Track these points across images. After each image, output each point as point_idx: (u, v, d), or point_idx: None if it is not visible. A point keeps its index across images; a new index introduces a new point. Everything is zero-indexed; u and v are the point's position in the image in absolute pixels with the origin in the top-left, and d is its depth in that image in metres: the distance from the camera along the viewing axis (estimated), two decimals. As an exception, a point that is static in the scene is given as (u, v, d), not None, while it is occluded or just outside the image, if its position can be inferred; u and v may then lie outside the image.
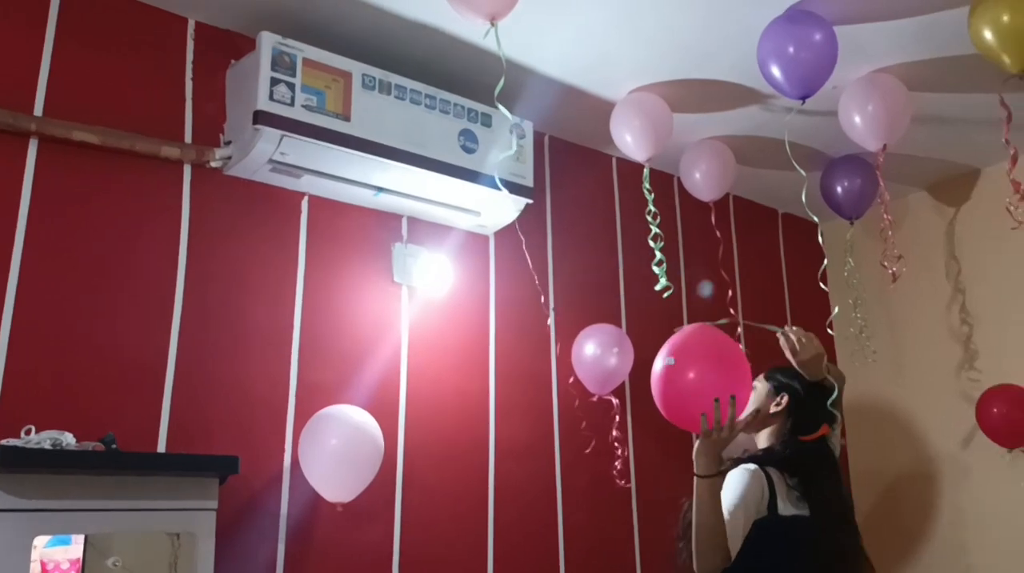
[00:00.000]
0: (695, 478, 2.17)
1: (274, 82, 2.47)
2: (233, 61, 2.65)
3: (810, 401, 2.38)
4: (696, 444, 2.18)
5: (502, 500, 2.94)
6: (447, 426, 2.88)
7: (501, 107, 2.37)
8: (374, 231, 2.89)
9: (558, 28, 2.73)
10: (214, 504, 2.10)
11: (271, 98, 2.46)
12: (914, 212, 3.98)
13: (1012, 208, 2.79)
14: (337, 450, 2.46)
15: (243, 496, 2.40)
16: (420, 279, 2.93)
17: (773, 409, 2.41)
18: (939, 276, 3.85)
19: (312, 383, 2.62)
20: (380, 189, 2.77)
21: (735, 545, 2.15)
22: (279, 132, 2.46)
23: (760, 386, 2.47)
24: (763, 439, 2.46)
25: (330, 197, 2.78)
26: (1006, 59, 2.48)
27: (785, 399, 2.41)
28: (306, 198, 2.75)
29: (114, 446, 2.04)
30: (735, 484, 2.22)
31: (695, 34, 2.78)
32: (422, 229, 2.99)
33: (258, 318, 2.58)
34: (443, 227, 3.03)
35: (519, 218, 3.00)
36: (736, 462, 2.31)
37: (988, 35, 2.49)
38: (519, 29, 2.60)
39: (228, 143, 2.58)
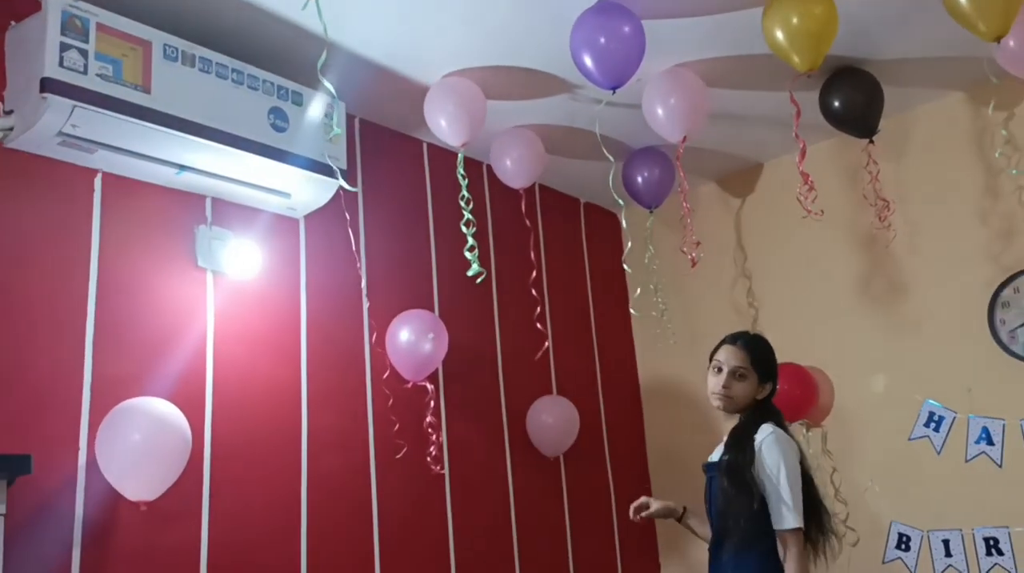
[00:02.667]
0: None
1: (64, 47, 2.26)
2: (13, 23, 2.40)
3: (776, 377, 2.65)
4: None
5: (315, 492, 2.85)
6: (257, 417, 2.76)
7: (324, 81, 2.29)
8: (176, 212, 2.72)
9: (372, 7, 2.67)
10: (1, 508, 1.91)
11: (61, 65, 2.25)
12: (705, 203, 4.22)
13: (801, 198, 3.02)
14: (139, 445, 2.30)
15: (34, 498, 2.19)
16: (226, 264, 2.78)
17: (761, 395, 2.61)
18: (728, 263, 4.11)
19: (109, 375, 2.43)
20: (182, 167, 2.61)
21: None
22: (70, 102, 2.26)
23: (751, 377, 2.60)
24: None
25: (127, 175, 2.59)
26: (796, 58, 2.67)
27: (770, 386, 2.62)
28: (100, 175, 2.55)
29: None
30: (791, 460, 2.45)
31: (510, 20, 2.80)
32: (228, 211, 2.84)
33: (46, 305, 2.36)
34: (251, 209, 2.89)
35: (331, 202, 2.92)
36: (752, 423, 2.55)
37: (779, 35, 2.67)
38: (332, 5, 2.51)
39: (9, 112, 2.34)
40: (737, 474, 2.45)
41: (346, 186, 2.79)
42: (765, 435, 2.48)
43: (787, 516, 2.38)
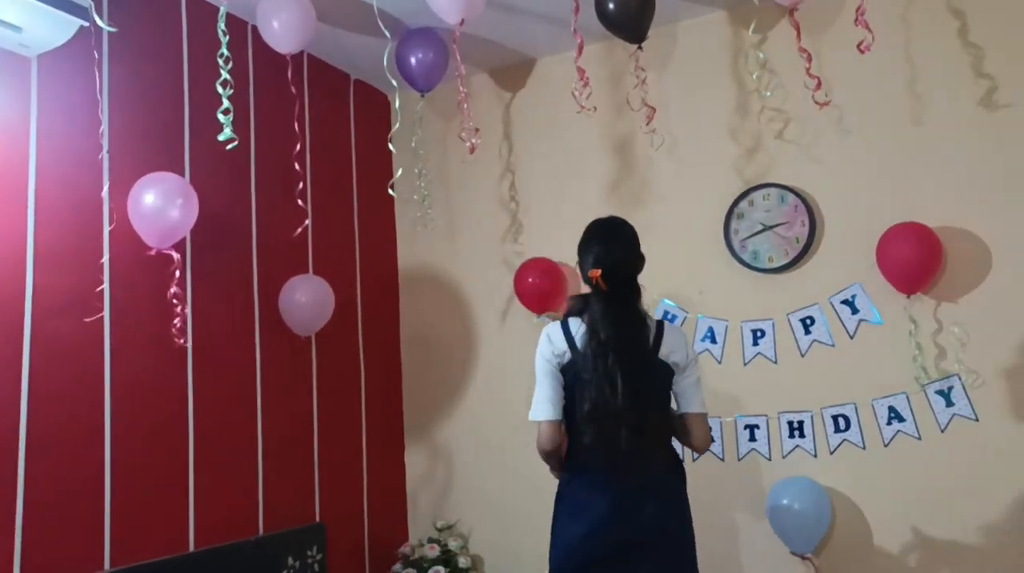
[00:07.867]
0: None
1: None
2: None
3: (580, 250, 2.58)
4: None
5: (40, 357, 2.63)
6: (-28, 274, 2.49)
7: None
8: None
9: None
10: None
11: None
12: (475, 93, 4.20)
13: (576, 93, 3.06)
14: None
15: None
16: (-61, 98, 2.45)
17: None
18: (493, 155, 4.14)
19: None
20: None
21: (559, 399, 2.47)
22: None
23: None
24: None
25: None
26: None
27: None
28: None
29: None
30: (538, 355, 2.53)
31: None
32: (-56, 39, 2.49)
33: None
34: (-27, 40, 2.55)
35: (72, 41, 2.62)
36: None
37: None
38: None
39: None
40: None
41: (60, 23, 2.51)
42: None
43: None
